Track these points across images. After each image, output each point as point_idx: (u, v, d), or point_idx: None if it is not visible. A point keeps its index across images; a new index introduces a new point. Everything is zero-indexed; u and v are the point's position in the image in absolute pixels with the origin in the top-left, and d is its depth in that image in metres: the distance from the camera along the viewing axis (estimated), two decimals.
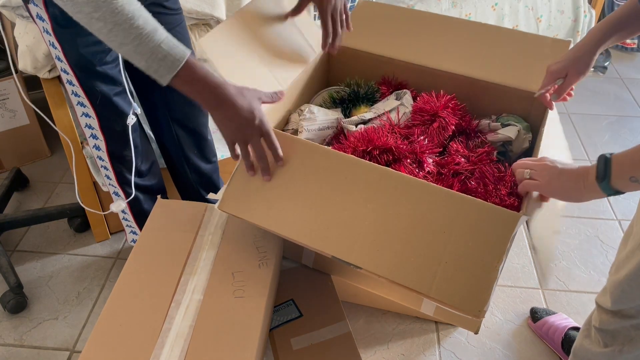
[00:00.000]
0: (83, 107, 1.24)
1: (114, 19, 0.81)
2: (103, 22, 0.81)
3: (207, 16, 1.54)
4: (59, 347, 1.43)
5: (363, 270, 0.89)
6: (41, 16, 1.10)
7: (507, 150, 1.15)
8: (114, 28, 0.81)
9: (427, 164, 1.05)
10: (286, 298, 1.15)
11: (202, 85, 0.89)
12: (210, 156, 1.54)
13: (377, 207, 0.91)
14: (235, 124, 0.92)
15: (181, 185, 1.59)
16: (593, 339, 1.05)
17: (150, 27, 0.83)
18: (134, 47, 0.83)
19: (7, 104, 1.94)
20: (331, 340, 1.07)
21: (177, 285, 0.99)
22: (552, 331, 1.41)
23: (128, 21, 0.81)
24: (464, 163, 1.06)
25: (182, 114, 1.42)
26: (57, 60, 1.17)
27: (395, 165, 1.04)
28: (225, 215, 1.14)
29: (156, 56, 0.84)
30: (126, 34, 0.82)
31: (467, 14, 2.15)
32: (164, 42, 0.84)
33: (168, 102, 1.40)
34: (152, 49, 0.83)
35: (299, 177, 0.97)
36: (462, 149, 1.09)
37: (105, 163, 1.36)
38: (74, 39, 1.12)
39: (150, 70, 0.85)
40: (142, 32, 0.82)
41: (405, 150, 1.05)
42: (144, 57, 0.84)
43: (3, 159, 2.06)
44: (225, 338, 0.90)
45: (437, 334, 1.46)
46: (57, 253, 1.71)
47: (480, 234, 0.86)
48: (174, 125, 1.43)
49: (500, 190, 0.98)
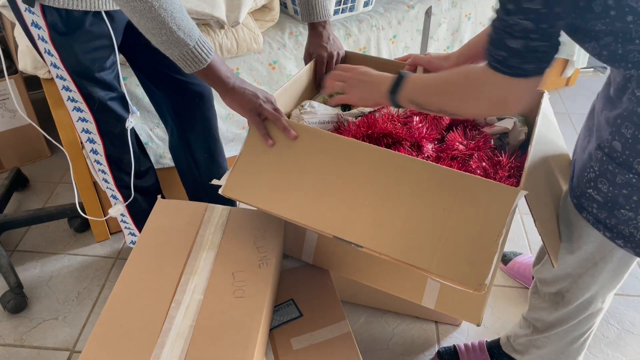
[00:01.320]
0: (80, 112, 1.24)
1: (149, 16, 0.89)
2: (138, 18, 0.90)
3: (207, 16, 1.54)
4: (59, 347, 1.43)
5: (364, 248, 0.90)
6: (37, 24, 1.09)
7: (504, 142, 1.16)
8: (152, 26, 0.90)
9: (426, 148, 1.06)
10: (286, 298, 1.15)
11: (217, 77, 1.00)
12: (220, 160, 1.54)
13: (377, 187, 0.93)
14: (246, 99, 1.01)
15: (193, 191, 1.59)
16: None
17: (187, 31, 0.92)
18: (168, 46, 0.93)
19: (7, 104, 1.94)
20: (331, 340, 1.07)
21: (177, 285, 0.99)
22: (523, 269, 1.61)
23: (165, 25, 0.90)
24: (462, 149, 1.07)
25: (191, 115, 1.43)
26: (52, 67, 1.17)
27: (394, 148, 1.05)
28: (225, 215, 1.14)
29: (186, 56, 0.94)
30: (159, 34, 0.91)
31: (466, 14, 2.15)
32: (196, 45, 0.94)
33: (176, 104, 1.40)
34: (184, 52, 0.93)
35: (300, 161, 0.98)
36: (460, 138, 1.10)
37: (103, 167, 1.36)
38: (73, 46, 1.12)
39: (178, 62, 0.96)
40: (178, 35, 0.91)
41: (405, 135, 1.07)
42: (174, 54, 0.94)
43: (3, 159, 2.06)
44: (226, 338, 0.90)
45: (437, 334, 1.47)
46: (57, 253, 1.71)
47: (480, 210, 0.86)
48: (184, 127, 1.44)
49: (499, 173, 0.99)
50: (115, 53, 1.20)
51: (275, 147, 1.00)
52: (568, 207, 0.99)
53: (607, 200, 0.87)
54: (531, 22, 0.70)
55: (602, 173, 0.86)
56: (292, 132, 0.99)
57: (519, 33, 0.72)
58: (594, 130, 0.91)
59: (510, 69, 0.76)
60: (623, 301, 1.59)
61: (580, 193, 0.93)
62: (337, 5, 1.85)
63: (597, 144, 0.87)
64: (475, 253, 0.85)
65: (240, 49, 1.66)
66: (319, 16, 1.25)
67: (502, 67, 0.76)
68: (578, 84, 2.70)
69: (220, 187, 1.02)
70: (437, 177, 0.90)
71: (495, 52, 0.76)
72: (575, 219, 0.97)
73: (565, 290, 1.08)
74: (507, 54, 0.74)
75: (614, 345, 1.46)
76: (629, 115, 0.79)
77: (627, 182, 0.82)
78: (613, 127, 0.83)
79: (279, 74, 1.79)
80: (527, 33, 0.71)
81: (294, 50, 1.79)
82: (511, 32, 0.72)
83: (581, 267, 1.02)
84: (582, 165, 0.93)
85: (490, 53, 0.77)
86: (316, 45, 1.27)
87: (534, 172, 0.97)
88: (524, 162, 0.95)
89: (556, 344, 1.17)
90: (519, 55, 0.74)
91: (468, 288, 0.84)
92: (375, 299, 1.51)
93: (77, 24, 1.09)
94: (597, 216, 0.90)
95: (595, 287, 1.03)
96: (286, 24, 1.84)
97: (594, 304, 1.07)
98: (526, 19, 0.70)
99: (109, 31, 1.14)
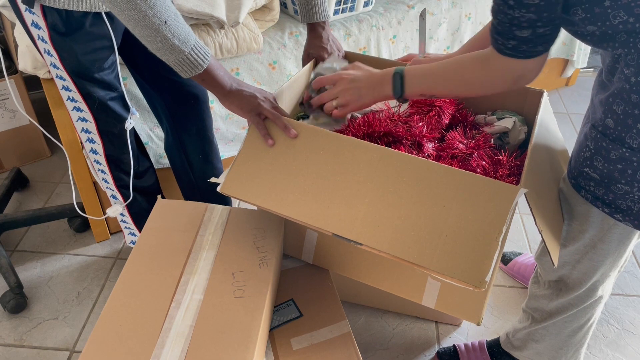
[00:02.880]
0: (79, 111, 1.24)
1: (144, 24, 0.89)
2: (133, 26, 0.90)
3: (207, 16, 1.54)
4: (59, 347, 1.43)
5: (364, 246, 0.90)
6: (37, 24, 1.09)
7: (504, 142, 1.17)
8: (147, 34, 0.90)
9: (426, 147, 1.07)
10: (286, 298, 1.15)
11: (214, 81, 1.00)
12: (215, 161, 1.54)
13: (377, 185, 0.93)
14: (245, 101, 1.02)
15: (188, 192, 1.59)
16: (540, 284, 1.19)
17: (182, 38, 0.92)
18: (164, 53, 0.93)
19: (7, 103, 1.94)
20: (331, 340, 1.07)
21: (177, 285, 0.99)
22: (523, 269, 1.62)
23: (161, 33, 0.90)
24: (462, 148, 1.07)
25: (185, 116, 1.43)
26: (52, 67, 1.17)
27: (394, 146, 1.05)
28: (225, 215, 1.14)
29: (182, 61, 0.94)
30: (154, 41, 0.91)
31: (466, 14, 2.15)
32: (192, 51, 0.94)
33: (171, 106, 1.40)
34: (180, 59, 0.94)
35: (300, 159, 0.98)
36: (460, 137, 1.10)
37: (102, 167, 1.36)
38: (73, 46, 1.12)
39: (175, 67, 0.96)
40: (173, 42, 0.91)
41: (405, 134, 1.07)
42: (170, 60, 0.94)
43: (3, 159, 2.06)
44: (226, 338, 0.90)
45: (437, 334, 1.47)
46: (57, 253, 1.71)
47: (480, 208, 0.87)
48: (179, 128, 1.44)
49: (499, 171, 1.00)
50: (115, 53, 1.20)
51: (274, 146, 1.01)
52: (566, 188, 1.01)
53: (603, 177, 0.90)
54: (534, 14, 0.75)
55: (597, 151, 0.89)
56: (292, 131, 0.99)
57: (525, 23, 0.76)
58: (590, 114, 0.95)
59: (523, 53, 0.81)
60: (623, 301, 1.59)
61: (577, 173, 0.96)
62: (337, 5, 1.85)
63: (591, 124, 0.91)
64: (476, 250, 0.85)
65: (240, 49, 1.66)
66: (318, 17, 1.25)
67: (516, 52, 0.81)
68: (578, 84, 2.70)
69: (218, 185, 1.01)
70: (437, 175, 0.91)
71: (505, 42, 0.81)
72: (573, 198, 0.99)
73: (566, 277, 1.09)
74: (517, 42, 0.80)
75: (614, 345, 1.46)
76: (619, 92, 0.83)
77: (621, 156, 0.85)
78: (605, 106, 0.86)
79: (279, 74, 1.79)
80: (533, 22, 0.76)
81: (294, 50, 1.79)
82: (518, 24, 0.77)
83: (581, 251, 1.03)
84: (578, 146, 0.96)
85: (499, 42, 0.82)
86: (316, 46, 1.27)
87: (535, 170, 0.97)
88: (524, 161, 0.95)
89: (554, 337, 1.17)
90: (530, 41, 0.79)
91: (468, 285, 0.84)
92: (375, 299, 1.51)
93: (78, 24, 1.09)
94: (595, 193, 0.93)
95: (595, 271, 1.05)
96: (286, 24, 1.84)
97: (594, 291, 1.09)
98: (528, 12, 0.75)
99: (109, 32, 1.14)
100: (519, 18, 0.76)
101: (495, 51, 0.84)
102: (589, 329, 1.16)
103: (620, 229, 0.97)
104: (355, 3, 1.90)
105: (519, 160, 1.05)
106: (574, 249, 1.04)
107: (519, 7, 0.74)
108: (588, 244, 1.01)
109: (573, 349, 1.18)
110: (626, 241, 0.99)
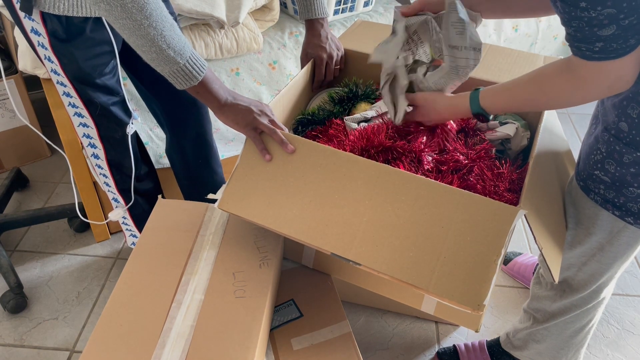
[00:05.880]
0: (81, 117, 1.23)
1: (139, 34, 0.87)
2: (128, 35, 0.88)
3: (207, 16, 1.54)
4: (59, 347, 1.43)
5: (362, 266, 0.90)
6: (37, 30, 1.08)
7: (506, 148, 1.15)
8: (142, 44, 0.89)
9: (426, 162, 1.05)
10: (286, 298, 1.15)
11: (209, 94, 0.98)
12: (215, 166, 1.54)
13: (375, 203, 0.92)
14: (240, 115, 0.99)
15: (186, 195, 1.59)
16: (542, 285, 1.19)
17: (177, 49, 0.90)
18: (158, 63, 0.91)
19: (7, 104, 1.94)
20: (331, 340, 1.07)
21: (178, 285, 0.99)
22: (523, 269, 1.62)
23: (156, 44, 0.88)
24: (463, 160, 1.06)
25: (185, 122, 1.42)
26: (52, 73, 1.16)
27: (394, 163, 1.04)
28: (226, 215, 1.14)
29: (177, 73, 0.92)
30: (149, 51, 0.89)
31: None
32: (187, 63, 0.92)
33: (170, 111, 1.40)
34: (175, 70, 0.92)
35: (298, 175, 0.97)
36: (460, 147, 1.09)
37: (104, 171, 1.35)
38: (73, 52, 1.11)
39: (168, 78, 0.94)
40: (168, 53, 0.89)
41: (404, 149, 1.06)
42: (164, 71, 0.93)
43: (3, 159, 2.06)
44: (226, 338, 0.90)
45: (437, 334, 1.47)
46: (57, 253, 1.71)
47: (479, 229, 0.86)
48: (178, 133, 1.44)
49: (499, 186, 0.99)
50: (116, 58, 1.19)
51: (272, 160, 0.99)
52: (575, 191, 1.01)
53: (614, 180, 0.90)
54: (612, 7, 0.70)
55: (609, 154, 0.89)
56: (289, 146, 0.97)
57: (606, 20, 0.71)
58: (600, 116, 0.93)
59: (615, 52, 0.75)
60: (623, 301, 1.59)
61: (586, 175, 0.95)
62: (337, 5, 1.85)
63: (603, 127, 0.90)
64: (474, 273, 0.84)
65: (240, 49, 1.66)
66: (317, 13, 1.24)
67: (606, 54, 0.75)
68: None
69: (216, 201, 1.00)
70: (435, 194, 0.89)
71: (590, 47, 0.75)
72: (582, 201, 0.99)
73: (570, 278, 1.08)
74: (605, 43, 0.74)
75: (614, 345, 1.47)
76: (634, 96, 0.82)
77: (635, 160, 0.85)
78: (619, 110, 0.86)
79: (279, 74, 1.79)
80: (614, 17, 0.71)
81: (294, 50, 1.79)
82: (599, 23, 0.72)
83: (588, 253, 1.03)
84: (588, 148, 0.95)
85: (584, 49, 0.77)
86: (314, 46, 1.26)
87: (536, 184, 0.96)
88: (524, 173, 0.94)
89: (555, 338, 1.17)
90: (618, 37, 0.73)
91: (466, 308, 0.83)
92: (375, 299, 1.51)
93: (78, 30, 1.08)
94: (605, 196, 0.93)
95: (602, 274, 1.04)
96: (286, 24, 1.84)
97: (599, 293, 1.08)
98: (605, 7, 0.70)
99: (110, 37, 1.13)
100: (598, 17, 0.71)
101: (581, 59, 0.78)
102: (590, 329, 1.16)
103: (630, 232, 0.96)
104: (355, 3, 1.90)
105: (520, 172, 1.03)
106: (581, 252, 1.03)
107: (593, 5, 0.70)
108: (596, 246, 1.01)
109: (574, 349, 1.18)
110: (635, 244, 0.99)
